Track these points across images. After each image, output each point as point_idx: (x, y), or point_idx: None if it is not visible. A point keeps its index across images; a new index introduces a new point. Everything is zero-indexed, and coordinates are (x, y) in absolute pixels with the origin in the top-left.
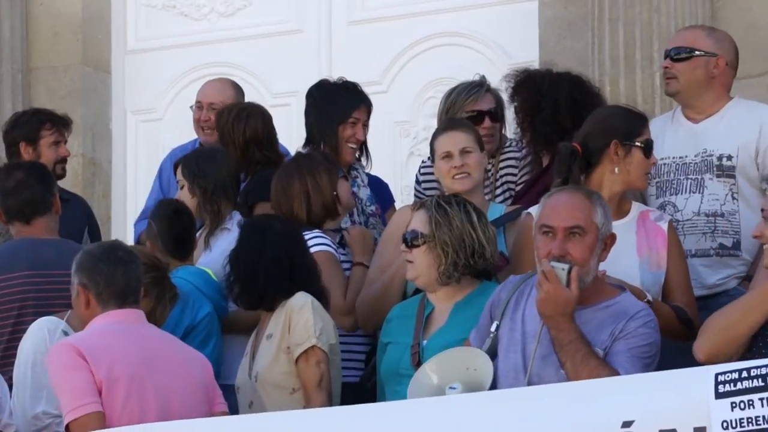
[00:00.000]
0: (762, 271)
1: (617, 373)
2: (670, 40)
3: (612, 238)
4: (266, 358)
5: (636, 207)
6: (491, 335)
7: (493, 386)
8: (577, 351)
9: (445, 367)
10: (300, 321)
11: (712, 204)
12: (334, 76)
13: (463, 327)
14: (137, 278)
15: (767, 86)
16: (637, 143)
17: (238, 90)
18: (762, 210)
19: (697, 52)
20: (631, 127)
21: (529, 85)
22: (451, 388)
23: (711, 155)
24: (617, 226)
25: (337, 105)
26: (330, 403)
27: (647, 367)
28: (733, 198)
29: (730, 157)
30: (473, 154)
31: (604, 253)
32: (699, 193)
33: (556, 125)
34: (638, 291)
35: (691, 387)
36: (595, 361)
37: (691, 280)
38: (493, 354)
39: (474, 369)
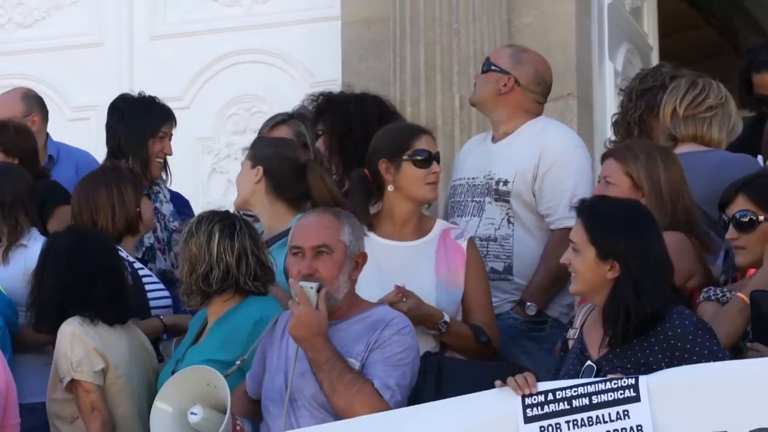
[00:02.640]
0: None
1: (371, 385)
2: None
3: (363, 257)
4: (47, 387)
5: (439, 225)
6: (237, 364)
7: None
8: (332, 369)
9: (184, 387)
10: (61, 353)
11: (487, 228)
12: (135, 90)
13: (214, 344)
14: None
15: (561, 110)
16: (405, 157)
17: (30, 101)
18: (570, 241)
19: (493, 67)
20: (397, 142)
21: (335, 107)
22: (192, 413)
23: (492, 178)
24: (417, 245)
25: (146, 119)
26: (110, 427)
27: (405, 375)
28: (509, 222)
29: (506, 182)
30: None
31: (356, 272)
32: (478, 216)
33: (367, 145)
34: (435, 312)
35: (501, 411)
36: (350, 375)
37: None
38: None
39: (215, 386)
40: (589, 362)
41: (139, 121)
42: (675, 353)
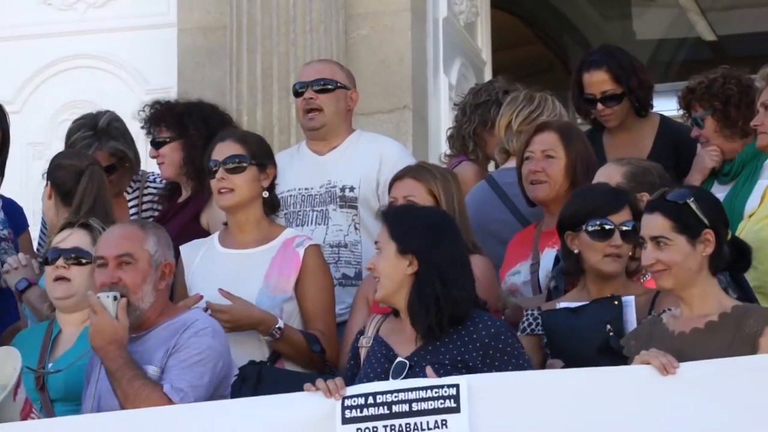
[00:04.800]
0: (362, 300)
1: (160, 389)
2: (302, 73)
3: (169, 267)
4: None
5: (287, 233)
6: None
7: None
8: (123, 376)
9: None
10: None
11: (336, 235)
12: None
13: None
14: None
15: (397, 122)
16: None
17: None
18: (375, 242)
19: (339, 85)
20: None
21: (196, 115)
22: None
23: (334, 186)
24: (254, 252)
25: None
26: None
27: (203, 375)
28: (356, 228)
29: (352, 188)
30: None
31: (162, 281)
32: (324, 224)
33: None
34: (267, 317)
35: (320, 410)
36: (140, 382)
37: None
38: None
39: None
40: (399, 359)
41: None
42: (489, 352)
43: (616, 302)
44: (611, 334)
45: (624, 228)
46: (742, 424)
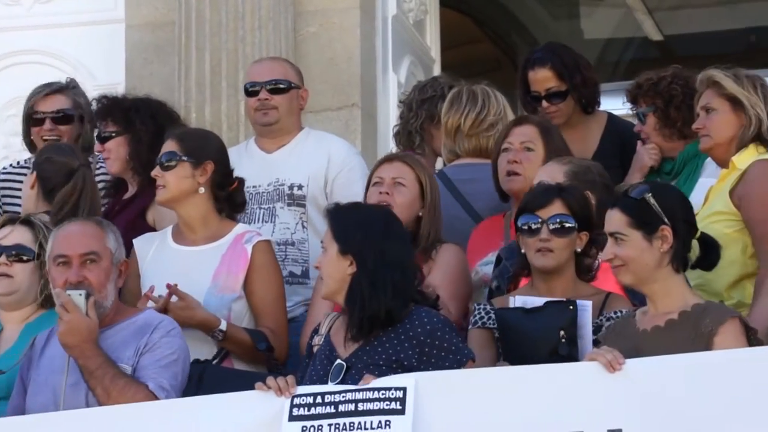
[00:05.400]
0: (317, 299)
1: (146, 388)
2: (254, 72)
3: (126, 265)
4: None
5: (238, 229)
6: None
7: None
8: (105, 375)
9: None
10: None
11: (283, 233)
12: None
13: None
14: None
15: (346, 120)
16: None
17: None
18: (321, 242)
19: (292, 85)
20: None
21: (144, 110)
22: None
23: (283, 184)
24: (204, 249)
25: None
26: None
27: (176, 375)
28: (303, 227)
29: (300, 187)
30: None
31: (120, 279)
32: (271, 222)
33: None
34: (210, 318)
35: (269, 408)
36: (124, 380)
37: None
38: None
39: None
40: (338, 361)
41: None
42: (425, 349)
43: (571, 307)
44: (564, 340)
45: (553, 223)
46: (688, 419)
